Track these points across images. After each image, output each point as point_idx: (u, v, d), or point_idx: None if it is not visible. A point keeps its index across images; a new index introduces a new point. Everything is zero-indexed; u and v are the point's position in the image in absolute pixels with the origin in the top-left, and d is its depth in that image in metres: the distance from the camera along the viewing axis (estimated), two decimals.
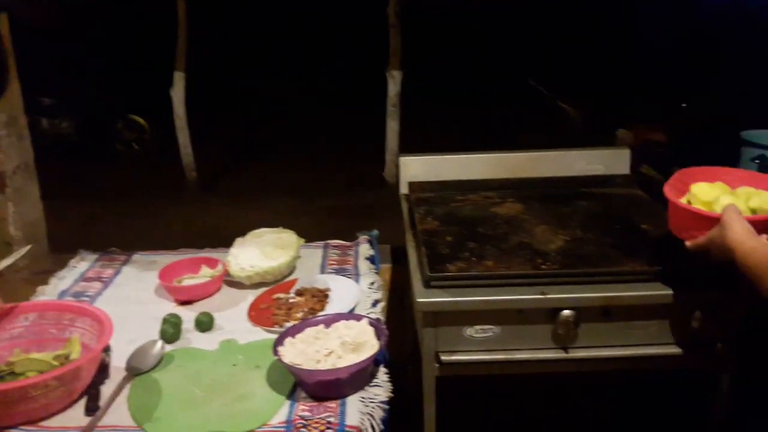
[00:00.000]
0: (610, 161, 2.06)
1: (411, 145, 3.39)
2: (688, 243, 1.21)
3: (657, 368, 1.48)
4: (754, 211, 1.19)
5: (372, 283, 1.63)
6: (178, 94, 5.70)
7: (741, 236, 1.05)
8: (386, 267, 2.11)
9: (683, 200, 1.34)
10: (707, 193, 1.31)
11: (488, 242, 1.60)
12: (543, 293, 1.37)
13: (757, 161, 1.70)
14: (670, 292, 1.38)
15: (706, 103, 2.03)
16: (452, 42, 8.15)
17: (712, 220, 1.15)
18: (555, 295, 1.37)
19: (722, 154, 1.90)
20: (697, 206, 1.28)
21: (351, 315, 1.35)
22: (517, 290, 1.39)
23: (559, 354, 1.41)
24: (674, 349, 1.43)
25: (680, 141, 2.02)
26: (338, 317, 1.32)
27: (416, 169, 2.05)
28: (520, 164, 2.06)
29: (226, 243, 1.71)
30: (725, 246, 1.08)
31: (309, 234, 1.84)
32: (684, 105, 1.89)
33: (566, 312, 1.37)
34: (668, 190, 1.33)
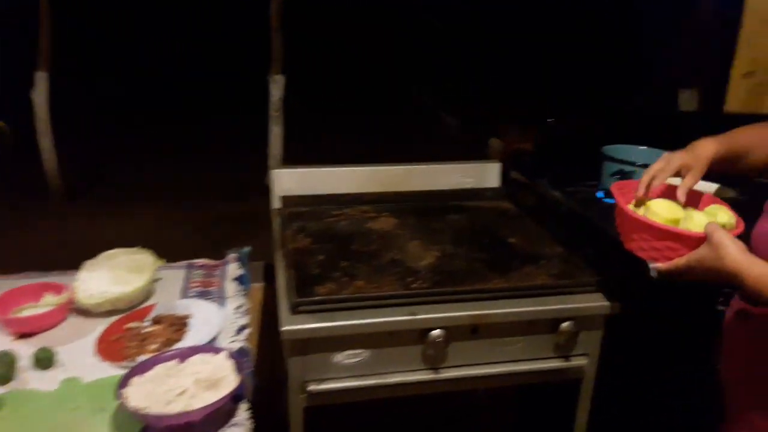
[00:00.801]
0: (481, 174, 2.09)
1: (295, 153, 3.30)
2: (661, 265, 1.11)
3: (527, 383, 1.50)
4: (722, 225, 1.14)
5: (239, 307, 1.54)
6: (40, 96, 5.23)
7: (742, 258, 0.99)
8: (258, 286, 2.01)
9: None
10: (671, 210, 1.21)
11: (361, 260, 1.56)
12: (413, 314, 1.35)
13: (617, 176, 1.78)
14: (535, 308, 1.40)
15: (571, 118, 2.10)
16: (339, 48, 8.13)
17: (695, 240, 1.07)
18: (425, 315, 1.35)
19: (587, 167, 1.98)
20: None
21: (208, 347, 1.26)
22: (388, 312, 1.35)
23: (429, 375, 1.39)
24: (542, 364, 1.46)
25: (546, 154, 2.08)
26: (194, 350, 1.22)
27: (290, 182, 1.97)
28: (395, 177, 2.04)
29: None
30: (725, 269, 1.00)
31: (185, 245, 1.72)
32: (550, 120, 1.94)
33: (436, 332, 1.36)
34: (622, 201, 1.21)
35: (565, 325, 1.43)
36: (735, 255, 0.99)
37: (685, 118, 2.31)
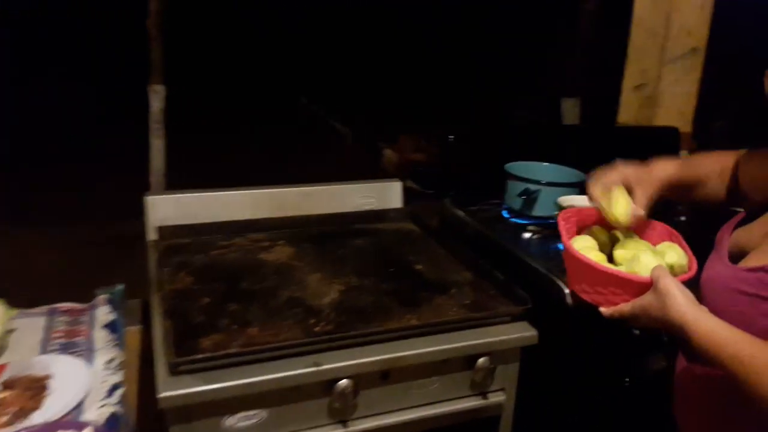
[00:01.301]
0: (382, 194, 1.96)
1: (175, 176, 3.02)
2: (605, 310, 1.02)
3: (444, 425, 1.37)
4: (671, 266, 1.06)
5: (110, 361, 1.30)
6: None
7: (688, 310, 0.91)
8: (135, 330, 1.76)
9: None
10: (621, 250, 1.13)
11: (254, 301, 1.37)
12: (317, 364, 1.18)
13: (523, 197, 1.71)
14: (451, 345, 1.28)
15: (471, 134, 2.02)
16: (224, 57, 7.76)
17: (640, 286, 0.98)
18: (330, 365, 1.19)
19: (489, 185, 1.91)
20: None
21: (69, 423, 1.03)
22: (287, 364, 1.18)
23: (337, 430, 1.23)
24: (459, 404, 1.34)
25: (447, 172, 1.98)
26: (51, 427, 0.99)
27: (167, 210, 1.74)
28: (290, 200, 1.86)
29: None
30: (670, 321, 0.92)
31: (47, 278, 1.45)
32: (451, 137, 1.85)
33: (343, 382, 1.20)
34: (566, 238, 1.11)
35: (481, 361, 1.32)
36: (681, 306, 0.90)
37: (583, 131, 2.30)
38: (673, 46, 2.17)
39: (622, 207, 1.11)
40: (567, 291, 1.40)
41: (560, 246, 1.59)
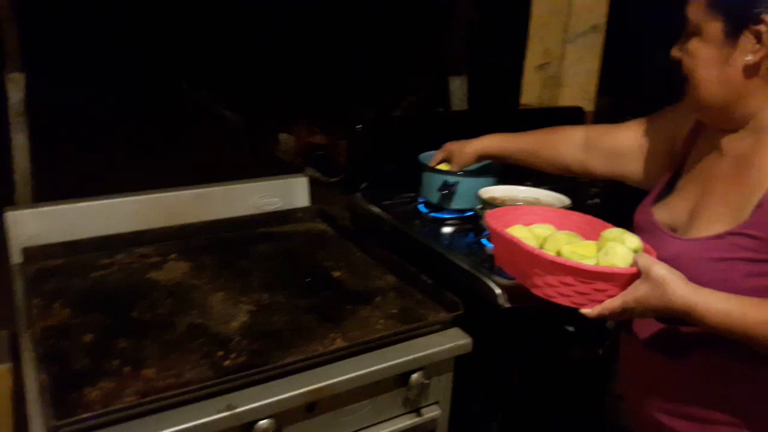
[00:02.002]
0: (287, 192, 1.78)
1: (44, 183, 2.68)
2: (590, 311, 0.95)
3: None
4: (637, 251, 0.99)
5: None
6: None
7: (691, 293, 0.89)
8: (4, 369, 1.49)
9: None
10: (583, 245, 1.05)
11: (147, 333, 1.17)
12: (231, 407, 1.01)
13: (444, 191, 1.59)
14: (382, 365, 1.15)
15: (380, 124, 1.88)
16: (90, 41, 7.05)
17: (628, 278, 0.93)
18: (246, 405, 1.02)
19: (401, 177, 1.78)
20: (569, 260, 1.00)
21: None
22: (196, 410, 0.99)
23: None
24: (392, 426, 1.22)
25: (357, 165, 1.83)
26: None
27: (34, 226, 1.47)
28: (181, 205, 1.64)
29: None
30: (674, 308, 0.90)
31: None
32: (359, 126, 1.70)
33: (263, 422, 1.03)
34: (533, 248, 1.00)
35: (415, 376, 1.19)
36: (683, 290, 0.89)
37: (488, 115, 2.22)
38: (575, 24, 2.13)
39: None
40: (498, 291, 1.31)
41: (485, 241, 1.50)
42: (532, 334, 1.38)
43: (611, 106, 3.27)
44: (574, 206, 1.46)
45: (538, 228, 1.13)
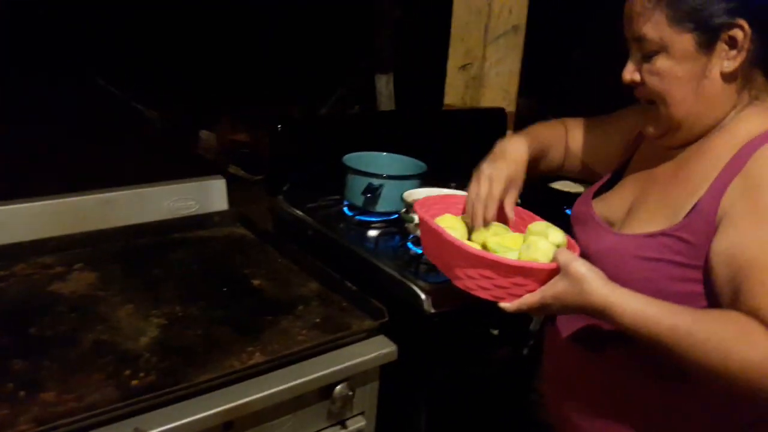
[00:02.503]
0: (204, 194, 1.69)
1: None
2: (509, 305, 0.93)
3: None
4: (559, 246, 0.98)
5: None
6: None
7: (608, 291, 0.86)
8: None
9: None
10: (509, 237, 1.04)
11: (47, 352, 1.07)
12: (138, 431, 0.93)
13: (368, 195, 1.56)
14: (303, 379, 1.10)
15: (303, 122, 1.82)
16: None
17: (547, 273, 0.91)
18: (157, 428, 0.95)
19: (324, 178, 1.74)
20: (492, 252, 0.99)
21: None
22: None
23: None
24: None
25: (279, 166, 1.77)
26: None
27: None
28: (88, 211, 1.52)
29: None
30: (591, 305, 0.87)
31: None
32: (279, 126, 1.64)
33: None
34: (456, 240, 0.96)
35: (339, 389, 1.15)
36: (601, 289, 0.86)
37: (411, 116, 2.21)
38: (495, 25, 2.14)
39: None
40: (423, 296, 1.29)
41: (410, 245, 1.48)
42: (458, 337, 1.36)
43: (532, 107, 3.34)
44: None
45: (468, 218, 1.12)
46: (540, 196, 1.90)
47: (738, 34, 0.87)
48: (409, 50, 3.83)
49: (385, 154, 1.71)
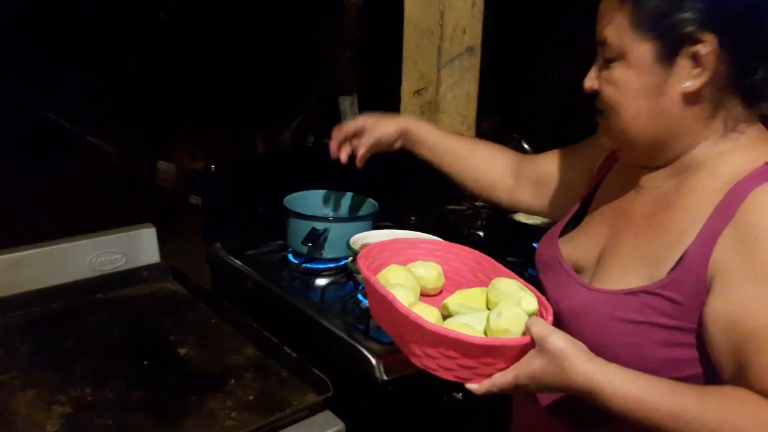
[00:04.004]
0: (131, 246, 1.51)
1: None
2: (477, 387, 0.79)
3: None
4: (532, 315, 0.83)
5: None
6: None
7: (594, 369, 0.73)
8: None
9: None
10: (472, 296, 0.90)
11: None
12: None
13: (309, 244, 1.39)
14: None
15: (239, 162, 1.66)
16: None
17: (519, 349, 0.77)
18: None
19: (266, 223, 1.58)
20: (454, 324, 0.83)
21: None
22: None
23: None
24: None
25: (216, 212, 1.61)
26: None
27: None
28: None
29: None
30: (574, 386, 0.74)
31: None
32: (213, 166, 1.48)
33: None
34: (396, 301, 0.80)
35: None
36: (585, 367, 0.73)
37: None
38: (449, 47, 2.01)
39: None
40: (375, 362, 1.13)
41: (362, 297, 1.32)
42: (417, 406, 1.20)
43: (497, 128, 3.22)
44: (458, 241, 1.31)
45: (421, 267, 0.97)
46: (503, 230, 1.78)
47: (701, 49, 0.75)
48: (369, 73, 3.72)
49: (332, 192, 1.55)
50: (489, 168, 1.19)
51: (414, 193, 1.89)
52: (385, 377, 1.11)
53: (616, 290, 0.82)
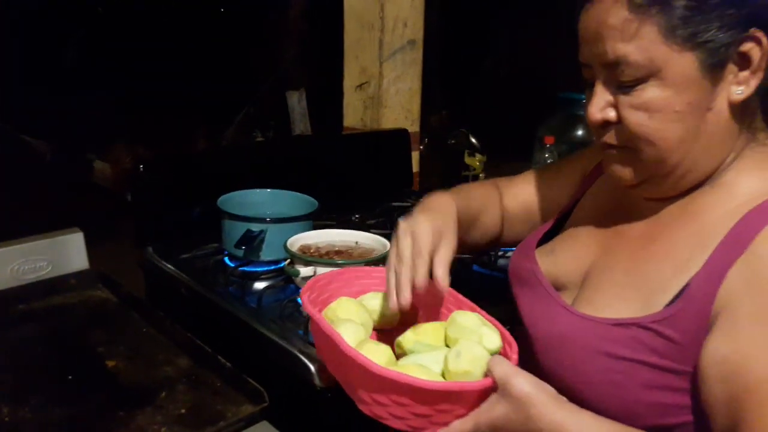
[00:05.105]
0: (57, 253, 1.43)
1: None
2: None
3: None
4: (494, 353, 0.75)
5: None
6: None
7: (563, 415, 0.65)
8: None
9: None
10: (429, 332, 0.80)
11: None
12: None
13: (243, 247, 1.33)
14: None
15: (169, 160, 1.60)
16: None
17: (478, 394, 0.69)
18: None
19: (199, 224, 1.52)
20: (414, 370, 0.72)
21: None
22: None
23: None
24: None
25: (144, 213, 1.54)
26: None
27: None
28: None
29: None
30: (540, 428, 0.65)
31: None
32: (141, 166, 1.41)
33: None
34: (341, 340, 0.73)
35: None
36: (553, 414, 0.65)
37: (309, 143, 2.02)
38: (390, 40, 1.99)
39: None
40: (313, 368, 1.09)
41: (300, 301, 1.28)
42: (358, 412, 1.17)
43: (444, 123, 3.22)
44: None
45: (374, 299, 0.88)
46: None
47: (753, 49, 0.66)
48: (315, 68, 3.66)
49: (268, 190, 1.51)
50: (491, 217, 1.03)
51: (356, 190, 1.86)
52: (323, 384, 1.08)
53: (603, 318, 0.73)
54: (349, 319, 0.82)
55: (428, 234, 0.78)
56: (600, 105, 0.71)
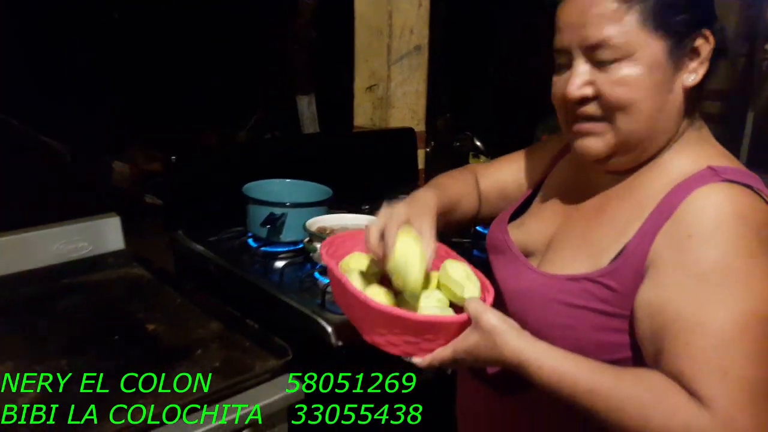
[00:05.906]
0: (97, 235, 1.59)
1: None
2: (420, 360, 0.84)
3: None
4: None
5: None
6: None
7: (524, 345, 0.78)
8: None
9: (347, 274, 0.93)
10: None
11: None
12: None
13: (269, 225, 1.49)
14: (205, 428, 1.03)
15: (200, 153, 1.75)
16: None
17: (457, 326, 0.83)
18: None
19: (226, 209, 1.67)
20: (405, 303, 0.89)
21: None
22: None
23: None
24: None
25: (176, 199, 1.69)
26: None
27: None
28: None
29: None
30: (505, 360, 0.79)
31: None
32: (174, 157, 1.57)
33: None
34: (361, 293, 0.86)
35: None
36: (514, 343, 0.78)
37: (321, 140, 2.17)
38: (398, 45, 2.14)
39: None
40: (330, 329, 1.24)
41: (318, 275, 1.43)
42: (373, 368, 1.32)
43: (450, 125, 3.36)
44: None
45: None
46: None
47: (703, 45, 0.80)
48: (325, 71, 3.81)
49: (288, 180, 1.66)
50: (469, 203, 1.13)
51: (366, 183, 2.01)
52: (339, 343, 1.23)
53: (560, 275, 0.87)
54: (358, 268, 0.98)
55: (404, 210, 0.91)
56: (577, 83, 0.82)
